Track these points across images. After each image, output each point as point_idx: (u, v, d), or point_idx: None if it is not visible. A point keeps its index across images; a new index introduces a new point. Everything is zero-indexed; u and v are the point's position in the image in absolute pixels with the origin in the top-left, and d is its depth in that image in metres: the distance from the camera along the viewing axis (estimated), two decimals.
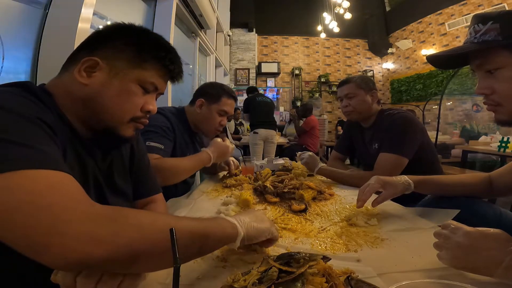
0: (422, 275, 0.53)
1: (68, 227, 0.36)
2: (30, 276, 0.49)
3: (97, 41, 0.59)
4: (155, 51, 0.61)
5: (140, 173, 0.77)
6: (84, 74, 0.56)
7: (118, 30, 0.60)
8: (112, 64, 0.57)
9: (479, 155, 3.51)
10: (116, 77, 0.57)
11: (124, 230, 0.39)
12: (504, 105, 0.62)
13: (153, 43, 0.62)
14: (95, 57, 0.56)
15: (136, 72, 0.59)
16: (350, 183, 1.30)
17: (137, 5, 2.31)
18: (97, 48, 0.58)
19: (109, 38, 0.59)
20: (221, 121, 1.35)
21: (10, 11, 1.12)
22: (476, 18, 0.64)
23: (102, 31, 0.60)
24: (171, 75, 0.66)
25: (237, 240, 0.52)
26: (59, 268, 0.39)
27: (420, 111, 5.21)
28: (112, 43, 0.58)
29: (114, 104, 0.58)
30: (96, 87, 0.56)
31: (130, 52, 0.58)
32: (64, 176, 0.41)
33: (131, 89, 0.59)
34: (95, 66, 0.56)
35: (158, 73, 0.62)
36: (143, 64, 0.59)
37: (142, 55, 0.59)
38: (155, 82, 0.62)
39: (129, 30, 0.61)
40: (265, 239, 0.59)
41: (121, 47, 0.58)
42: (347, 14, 6.06)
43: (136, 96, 0.60)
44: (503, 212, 0.86)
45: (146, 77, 0.60)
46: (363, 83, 1.41)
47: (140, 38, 0.61)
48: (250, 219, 0.57)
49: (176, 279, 0.33)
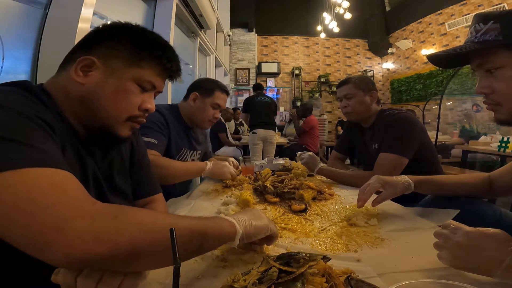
0: (422, 275, 0.53)
1: (70, 225, 0.36)
2: (30, 276, 0.49)
3: (93, 40, 0.59)
4: (152, 50, 0.61)
5: (140, 173, 0.77)
6: (80, 73, 0.56)
7: (114, 29, 0.60)
8: (108, 63, 0.57)
9: (479, 155, 3.51)
10: (112, 76, 0.57)
11: (125, 228, 0.39)
12: (503, 104, 0.62)
13: (149, 41, 0.61)
14: (91, 56, 0.56)
15: (133, 70, 0.59)
16: (350, 183, 1.30)
17: (137, 5, 2.32)
18: (93, 47, 0.58)
19: (105, 37, 0.59)
20: (214, 114, 1.39)
21: (10, 11, 1.13)
22: (477, 17, 0.64)
23: (98, 30, 0.60)
24: (169, 73, 0.66)
25: (235, 238, 0.52)
26: (62, 266, 0.39)
27: (420, 111, 5.22)
28: (108, 42, 0.58)
29: (111, 103, 0.57)
30: (93, 86, 0.56)
31: (126, 50, 0.58)
32: (65, 174, 0.41)
33: (128, 87, 0.59)
34: (92, 65, 0.56)
35: (155, 71, 0.62)
36: (140, 63, 0.59)
37: (139, 54, 0.59)
38: (152, 80, 0.62)
39: (125, 29, 0.61)
40: (264, 236, 0.59)
41: (117, 45, 0.58)
42: (347, 14, 6.06)
43: (133, 94, 0.60)
44: (503, 212, 0.86)
45: (143, 76, 0.60)
46: (361, 84, 1.41)
47: (136, 36, 0.60)
48: (248, 217, 0.57)
49: (176, 279, 0.33)
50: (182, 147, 1.34)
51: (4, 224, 0.35)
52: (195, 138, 1.47)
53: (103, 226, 0.38)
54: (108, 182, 0.66)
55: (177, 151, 1.31)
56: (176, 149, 1.29)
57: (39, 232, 0.35)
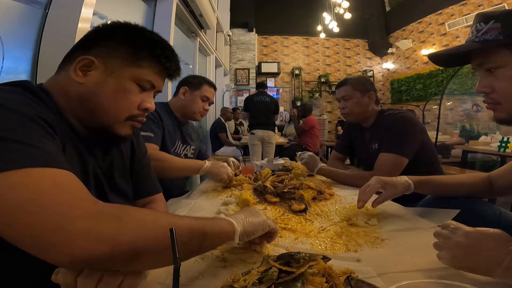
0: (422, 275, 0.53)
1: (74, 225, 0.36)
2: (30, 276, 0.49)
3: (92, 40, 0.59)
4: (151, 49, 0.61)
5: (140, 172, 0.77)
6: (79, 73, 0.56)
7: (113, 28, 0.60)
8: (108, 63, 0.57)
9: (479, 155, 3.51)
10: (111, 76, 0.57)
11: (127, 227, 0.39)
12: (503, 103, 0.63)
13: (148, 40, 0.61)
14: (90, 55, 0.56)
15: (132, 70, 0.59)
16: (350, 183, 1.30)
17: (137, 5, 2.31)
18: (92, 47, 0.58)
19: (104, 36, 0.59)
20: (204, 106, 1.46)
21: (10, 11, 1.12)
22: (478, 17, 0.64)
23: (97, 30, 0.60)
24: (168, 72, 0.66)
25: (235, 236, 0.52)
26: (64, 266, 0.39)
27: (420, 111, 5.21)
28: (107, 42, 0.58)
29: (110, 103, 0.58)
30: (92, 85, 0.56)
31: (126, 50, 0.58)
32: (67, 174, 0.41)
33: (127, 87, 0.59)
34: (91, 65, 0.56)
35: (154, 70, 0.62)
36: (139, 62, 0.59)
37: (138, 53, 0.59)
38: (151, 79, 0.62)
39: (124, 28, 0.61)
40: (263, 232, 0.60)
41: (116, 45, 0.58)
42: (347, 14, 6.05)
43: (132, 94, 0.60)
44: (503, 212, 0.86)
45: (143, 75, 0.60)
46: (359, 85, 1.41)
47: (135, 36, 0.60)
48: (245, 215, 0.58)
49: (176, 279, 0.33)
50: (176, 140, 1.38)
51: (7, 224, 0.35)
52: (187, 134, 1.51)
53: (105, 226, 0.38)
54: (109, 182, 0.66)
55: (171, 144, 1.34)
56: (170, 141, 1.33)
57: (42, 232, 0.35)
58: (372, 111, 1.42)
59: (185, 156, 1.46)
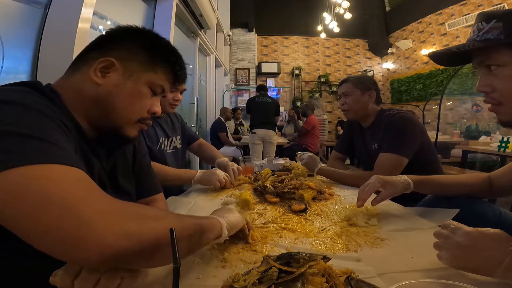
0: (422, 275, 0.53)
1: (102, 221, 0.36)
2: (30, 276, 0.49)
3: (110, 42, 0.60)
4: (167, 56, 0.63)
5: (141, 173, 0.78)
6: (99, 74, 0.56)
7: (131, 32, 0.62)
8: (127, 66, 0.58)
9: (479, 155, 3.51)
10: (130, 79, 0.58)
11: (148, 224, 0.41)
12: (504, 103, 0.62)
13: (163, 47, 0.64)
14: (110, 57, 0.57)
15: (148, 75, 0.60)
16: (350, 183, 1.30)
17: (137, 5, 2.31)
18: (110, 49, 0.58)
19: (122, 39, 0.60)
20: (174, 97, 1.35)
21: (10, 11, 1.13)
22: (480, 16, 0.64)
23: (115, 33, 0.62)
24: (177, 79, 0.68)
25: (223, 229, 0.57)
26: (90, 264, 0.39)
27: (420, 111, 5.21)
28: (126, 45, 0.59)
29: (125, 105, 0.59)
30: (110, 87, 0.57)
31: (143, 54, 0.60)
32: (85, 175, 0.42)
33: (142, 91, 0.60)
34: (111, 67, 0.57)
35: (167, 76, 0.64)
36: (155, 67, 0.61)
37: (154, 59, 0.61)
38: (163, 85, 0.63)
39: (142, 33, 0.63)
40: (242, 225, 0.66)
41: (135, 49, 0.59)
42: (347, 14, 6.06)
43: (146, 98, 0.61)
44: (502, 212, 0.86)
45: (157, 80, 0.61)
46: (360, 83, 1.42)
47: (152, 41, 0.62)
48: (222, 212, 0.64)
49: (176, 279, 0.33)
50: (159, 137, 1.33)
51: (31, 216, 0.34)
52: (168, 125, 1.44)
53: (131, 222, 0.39)
54: (113, 183, 0.67)
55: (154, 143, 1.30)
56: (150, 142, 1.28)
57: (69, 228, 0.34)
58: (372, 110, 1.42)
59: (174, 148, 1.42)
